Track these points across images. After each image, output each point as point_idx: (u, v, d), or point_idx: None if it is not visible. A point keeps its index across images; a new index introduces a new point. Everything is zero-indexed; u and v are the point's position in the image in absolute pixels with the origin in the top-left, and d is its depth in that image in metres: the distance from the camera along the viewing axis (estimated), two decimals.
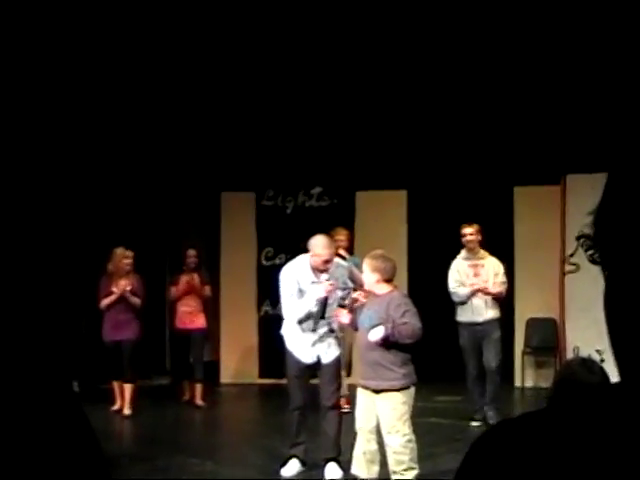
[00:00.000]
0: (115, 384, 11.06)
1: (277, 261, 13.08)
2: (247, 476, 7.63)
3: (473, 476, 1.06)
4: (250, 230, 13.86)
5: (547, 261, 12.61)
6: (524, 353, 12.87)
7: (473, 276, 9.75)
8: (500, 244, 9.06)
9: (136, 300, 10.83)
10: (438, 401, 11.20)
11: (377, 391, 6.73)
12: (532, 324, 12.89)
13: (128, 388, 10.83)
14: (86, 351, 11.83)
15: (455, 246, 10.12)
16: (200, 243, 12.38)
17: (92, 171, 12.29)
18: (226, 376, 13.65)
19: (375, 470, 6.85)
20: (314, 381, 7.86)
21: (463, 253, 9.90)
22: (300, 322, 7.54)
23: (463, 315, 9.76)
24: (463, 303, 9.73)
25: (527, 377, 12.89)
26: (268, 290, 7.96)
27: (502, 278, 9.86)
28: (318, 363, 7.61)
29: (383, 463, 6.83)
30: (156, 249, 14.02)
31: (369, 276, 6.87)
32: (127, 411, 10.75)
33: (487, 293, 9.67)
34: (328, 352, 7.63)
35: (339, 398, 8.09)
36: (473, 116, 12.18)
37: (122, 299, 10.77)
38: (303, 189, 13.87)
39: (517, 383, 12.79)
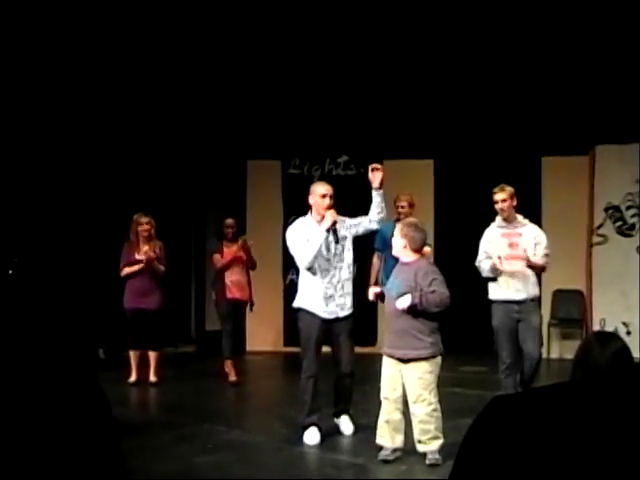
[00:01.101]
0: (132, 354, 10.82)
1: None
2: (273, 444, 7.66)
3: (472, 455, 1.06)
4: (276, 198, 13.85)
5: (574, 232, 12.55)
6: (550, 325, 12.85)
7: (507, 247, 8.23)
8: (527, 214, 8.79)
9: (160, 267, 10.74)
10: (463, 371, 11.20)
11: (404, 360, 6.73)
12: (559, 296, 12.85)
13: (153, 356, 10.78)
14: (112, 319, 11.81)
15: (482, 216, 9.99)
16: (226, 211, 12.37)
17: (119, 139, 12.31)
18: (252, 344, 13.70)
19: (400, 439, 6.87)
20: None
21: (497, 220, 8.44)
22: (311, 266, 7.53)
23: (497, 292, 8.28)
24: (494, 279, 8.28)
25: (553, 349, 12.88)
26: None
27: (544, 250, 8.27)
28: (334, 321, 7.58)
29: (408, 433, 6.85)
30: (181, 217, 14.06)
31: (398, 241, 6.87)
32: (153, 379, 10.73)
33: (528, 265, 8.12)
34: (345, 307, 7.63)
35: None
36: (502, 85, 12.09)
37: (146, 267, 10.64)
38: (329, 158, 13.83)
39: (543, 354, 12.76)
